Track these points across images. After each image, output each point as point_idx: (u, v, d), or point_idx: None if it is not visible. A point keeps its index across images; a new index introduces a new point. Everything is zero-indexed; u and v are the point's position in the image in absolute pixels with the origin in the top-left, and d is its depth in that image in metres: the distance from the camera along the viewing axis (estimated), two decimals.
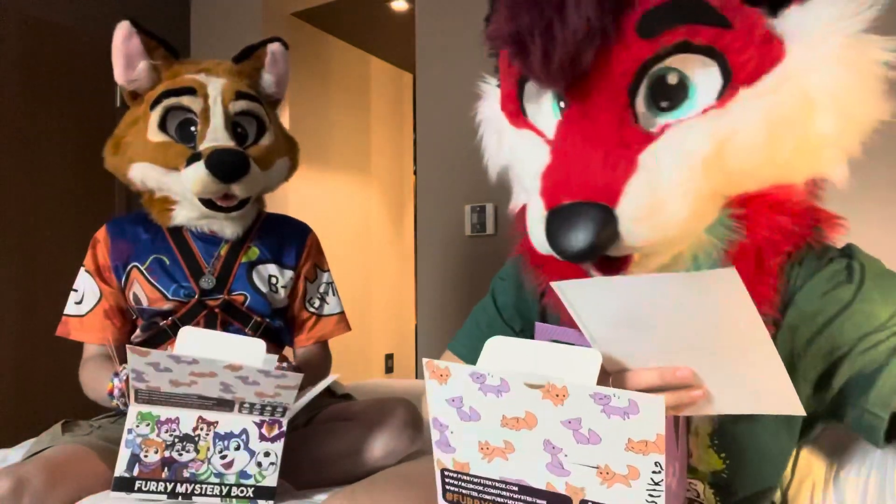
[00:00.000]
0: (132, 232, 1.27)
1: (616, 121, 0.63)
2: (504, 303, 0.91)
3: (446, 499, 0.65)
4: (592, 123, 0.64)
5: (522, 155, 0.75)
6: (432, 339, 2.40)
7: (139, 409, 0.96)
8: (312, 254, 1.38)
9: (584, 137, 0.63)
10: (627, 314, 0.57)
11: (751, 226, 0.65)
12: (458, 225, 2.31)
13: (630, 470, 0.54)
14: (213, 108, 1.20)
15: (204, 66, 1.28)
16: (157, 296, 1.22)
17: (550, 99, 0.72)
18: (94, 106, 2.46)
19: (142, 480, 0.95)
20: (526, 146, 0.74)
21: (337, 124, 3.37)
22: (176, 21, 2.86)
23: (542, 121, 0.74)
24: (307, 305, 1.36)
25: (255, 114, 1.26)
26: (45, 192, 2.33)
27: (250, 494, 0.97)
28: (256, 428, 0.98)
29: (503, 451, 0.60)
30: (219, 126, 1.20)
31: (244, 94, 1.25)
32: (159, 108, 1.20)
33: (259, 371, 0.89)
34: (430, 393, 0.61)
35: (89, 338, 1.24)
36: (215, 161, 1.14)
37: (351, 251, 3.45)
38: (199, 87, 1.22)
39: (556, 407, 0.55)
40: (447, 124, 2.35)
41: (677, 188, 0.61)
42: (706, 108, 0.63)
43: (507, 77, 0.76)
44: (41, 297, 2.27)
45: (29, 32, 2.31)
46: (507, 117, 0.77)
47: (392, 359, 3.75)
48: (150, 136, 1.20)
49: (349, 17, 3.14)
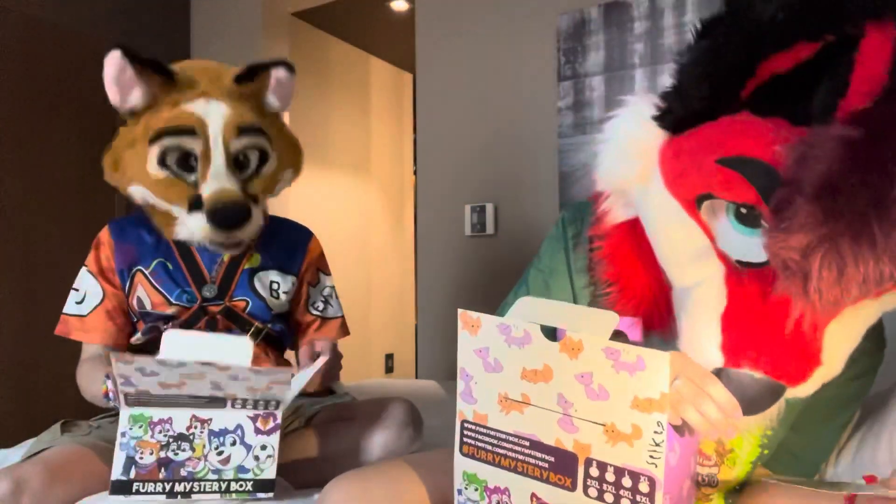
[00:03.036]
0: (135, 234, 1.26)
1: (815, 314, 0.59)
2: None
3: (463, 451, 0.70)
4: (794, 300, 0.59)
5: (677, 246, 0.68)
6: (432, 339, 2.40)
7: (131, 412, 0.95)
8: (315, 259, 1.38)
9: (783, 315, 0.59)
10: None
11: None
12: (458, 225, 2.31)
13: (634, 429, 0.58)
14: (214, 150, 1.16)
15: (203, 88, 1.19)
16: (160, 300, 1.22)
17: (731, 205, 0.63)
18: (95, 106, 2.46)
19: (139, 482, 0.94)
20: (685, 239, 0.66)
21: (337, 124, 3.37)
22: (176, 21, 2.86)
23: (713, 220, 0.64)
24: (310, 309, 1.36)
25: (258, 147, 1.22)
26: (46, 192, 2.33)
27: (250, 488, 0.97)
28: (251, 422, 0.98)
29: (520, 404, 0.65)
30: (220, 166, 1.17)
31: (246, 129, 1.20)
32: (158, 145, 1.16)
33: (249, 369, 0.89)
34: (460, 343, 0.67)
35: (90, 338, 1.23)
36: (218, 216, 1.13)
37: (351, 251, 3.45)
38: (199, 126, 1.16)
39: (572, 360, 0.60)
40: (447, 124, 2.35)
41: (840, 367, 0.62)
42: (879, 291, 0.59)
43: (702, 166, 0.63)
44: (41, 297, 2.27)
45: (30, 33, 2.31)
46: (672, 193, 0.67)
47: (392, 359, 3.75)
48: (149, 170, 1.17)
49: (349, 17, 3.14)
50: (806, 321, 0.59)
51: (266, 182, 1.25)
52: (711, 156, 0.61)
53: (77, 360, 1.26)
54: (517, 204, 2.20)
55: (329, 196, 3.31)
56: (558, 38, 2.11)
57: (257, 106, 1.25)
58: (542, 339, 0.62)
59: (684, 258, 0.66)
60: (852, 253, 0.51)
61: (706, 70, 0.63)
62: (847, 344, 0.62)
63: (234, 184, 1.17)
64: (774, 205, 0.55)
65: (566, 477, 0.63)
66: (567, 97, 2.09)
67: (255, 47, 2.75)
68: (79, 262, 1.27)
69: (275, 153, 1.25)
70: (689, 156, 0.64)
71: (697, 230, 0.65)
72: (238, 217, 1.15)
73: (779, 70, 0.62)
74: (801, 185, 0.53)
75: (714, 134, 0.63)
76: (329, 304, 1.38)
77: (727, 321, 0.61)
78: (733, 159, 0.60)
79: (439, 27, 2.37)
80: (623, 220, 0.75)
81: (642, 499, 0.58)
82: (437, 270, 2.37)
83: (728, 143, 0.61)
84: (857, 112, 0.54)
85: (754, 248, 0.60)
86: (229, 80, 1.21)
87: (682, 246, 0.66)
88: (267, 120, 1.26)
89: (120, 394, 0.93)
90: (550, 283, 0.85)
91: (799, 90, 0.61)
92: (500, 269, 2.21)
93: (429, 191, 2.40)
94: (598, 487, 0.61)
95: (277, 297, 1.29)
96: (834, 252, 0.51)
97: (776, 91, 0.62)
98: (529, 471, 0.65)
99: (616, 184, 0.72)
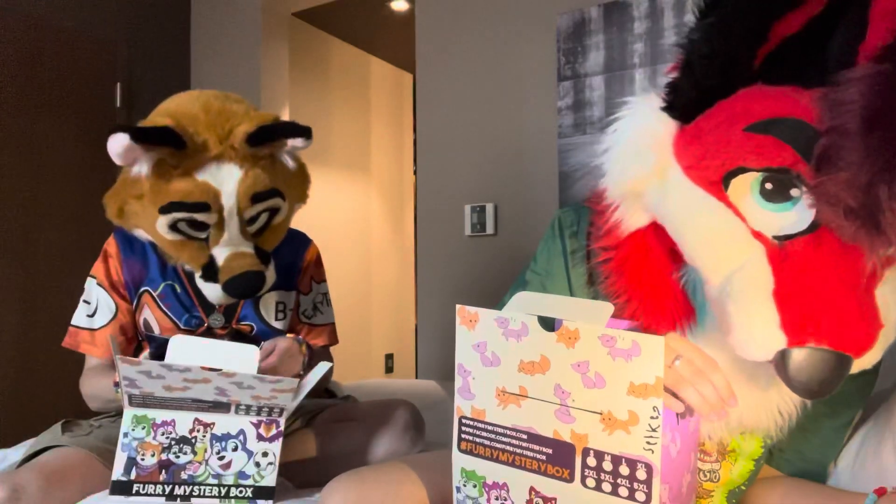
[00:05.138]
0: (142, 250, 1.25)
1: (871, 266, 0.57)
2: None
3: (461, 448, 0.70)
4: (847, 262, 0.57)
5: (710, 234, 0.65)
6: (432, 339, 2.40)
7: (134, 413, 0.95)
8: (311, 267, 1.38)
9: (839, 278, 0.57)
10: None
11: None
12: (458, 225, 2.31)
13: (630, 416, 0.59)
14: (229, 222, 1.12)
15: (214, 152, 1.10)
16: (169, 325, 1.21)
17: (755, 183, 0.61)
18: (95, 107, 2.46)
19: (139, 484, 0.95)
20: (718, 226, 0.64)
21: (337, 124, 3.37)
22: (176, 21, 2.85)
23: (741, 201, 0.62)
24: (300, 316, 1.36)
25: (271, 208, 1.18)
26: (46, 193, 2.33)
27: (249, 495, 0.97)
28: (254, 428, 0.98)
29: (517, 397, 0.65)
30: (234, 234, 1.13)
31: (261, 196, 1.14)
32: (169, 216, 1.10)
33: (254, 377, 0.89)
34: (458, 339, 0.68)
35: (99, 353, 1.22)
36: (233, 289, 1.11)
37: (351, 251, 3.45)
38: (212, 200, 1.09)
39: (568, 350, 0.61)
40: (447, 124, 2.35)
41: (894, 332, 0.60)
42: None
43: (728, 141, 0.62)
44: (42, 298, 2.27)
45: (30, 33, 2.31)
46: (695, 181, 0.65)
47: (392, 359, 3.75)
48: (159, 230, 1.12)
49: (349, 17, 3.14)
50: (862, 282, 0.56)
51: (276, 234, 1.23)
52: (737, 126, 0.60)
53: (76, 360, 1.25)
54: (517, 204, 2.20)
55: (329, 196, 3.31)
56: (558, 38, 2.11)
57: (271, 163, 1.17)
58: (540, 329, 0.63)
59: (719, 245, 0.64)
60: None
61: (716, 45, 0.62)
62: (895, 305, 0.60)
63: (248, 246, 1.14)
64: (818, 155, 0.54)
65: (564, 468, 0.63)
66: (567, 97, 2.09)
67: (255, 47, 2.75)
68: (79, 263, 1.27)
69: (286, 202, 1.21)
70: (711, 135, 0.63)
71: (728, 213, 0.62)
72: (254, 288, 1.13)
73: (789, 31, 0.61)
74: (843, 128, 0.52)
75: (735, 106, 0.61)
76: (318, 311, 1.38)
77: (781, 298, 0.58)
78: (762, 123, 0.58)
79: (439, 27, 2.37)
80: (636, 228, 0.73)
81: (640, 486, 0.59)
82: (437, 270, 2.37)
83: (753, 110, 0.59)
84: (883, 48, 0.53)
85: (789, 221, 0.59)
86: (241, 140, 1.11)
87: (714, 233, 0.64)
88: (280, 174, 1.19)
89: (124, 394, 0.93)
90: (548, 286, 0.84)
91: (811, 50, 0.60)
92: (500, 269, 2.21)
93: (429, 191, 2.40)
94: (596, 477, 0.61)
95: (284, 316, 1.29)
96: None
97: (787, 57, 0.61)
98: (527, 464, 0.66)
99: (629, 186, 0.70)
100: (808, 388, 0.58)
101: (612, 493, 0.60)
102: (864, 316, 0.57)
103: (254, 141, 1.12)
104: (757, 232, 0.61)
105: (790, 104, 0.57)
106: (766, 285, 0.59)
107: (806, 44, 0.60)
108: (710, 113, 0.63)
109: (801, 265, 0.58)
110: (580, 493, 0.62)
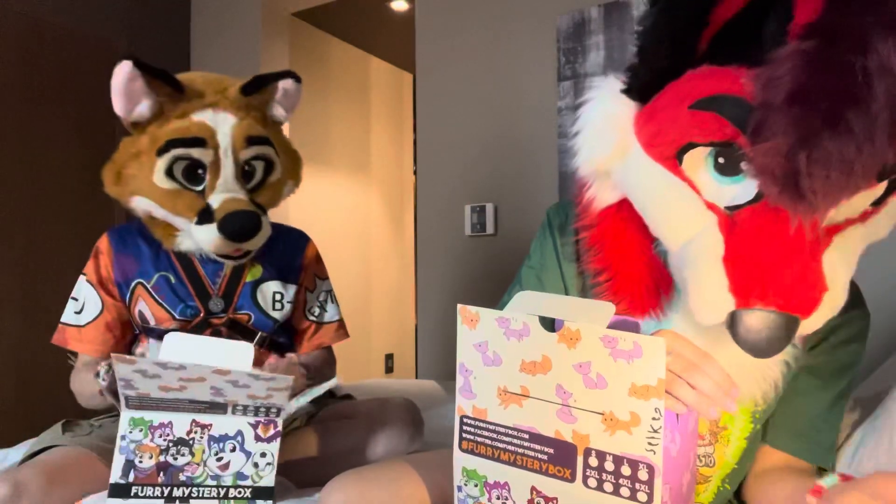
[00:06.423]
0: (134, 244, 1.26)
1: (813, 231, 0.61)
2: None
3: (462, 447, 0.70)
4: (788, 228, 0.61)
5: (668, 207, 0.70)
6: (432, 339, 2.40)
7: (131, 415, 0.95)
8: (312, 264, 1.38)
9: (782, 243, 0.61)
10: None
11: None
12: (458, 225, 2.31)
13: (632, 416, 0.59)
14: (224, 160, 1.16)
15: (210, 99, 1.19)
16: (164, 315, 1.21)
17: (708, 157, 0.65)
18: (95, 106, 2.46)
19: (138, 486, 0.94)
20: (675, 199, 0.68)
21: (337, 124, 3.38)
22: (176, 20, 2.86)
23: (696, 175, 0.67)
24: (307, 314, 1.36)
25: (264, 157, 1.22)
26: (46, 192, 2.34)
27: (248, 495, 0.97)
28: (252, 429, 0.98)
29: (519, 397, 0.65)
30: (229, 177, 1.16)
31: (255, 140, 1.20)
32: (167, 156, 1.14)
33: (249, 374, 0.89)
34: (459, 338, 0.68)
35: (87, 349, 1.22)
36: (229, 227, 1.12)
37: (351, 251, 3.46)
38: (209, 136, 1.15)
39: (570, 350, 0.61)
40: (447, 124, 2.35)
41: (843, 297, 0.64)
42: (864, 212, 0.64)
43: (677, 118, 0.66)
44: (42, 298, 2.27)
45: (29, 33, 2.31)
46: (653, 157, 0.69)
47: (392, 359, 3.75)
48: (156, 181, 1.16)
49: (349, 17, 3.14)
50: (805, 247, 0.60)
51: (272, 192, 1.25)
52: (683, 104, 0.65)
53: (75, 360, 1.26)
54: (517, 204, 2.20)
55: (329, 196, 3.31)
56: (558, 38, 2.11)
57: (262, 117, 1.25)
58: (541, 330, 0.63)
59: (676, 217, 0.68)
60: (835, 144, 0.54)
61: (664, 31, 0.67)
62: (844, 270, 0.64)
63: (243, 194, 1.17)
64: (752, 128, 0.58)
65: (565, 468, 0.63)
66: (567, 97, 2.09)
67: (255, 47, 2.76)
68: (79, 263, 1.27)
69: (280, 163, 1.26)
70: (662, 113, 0.67)
71: (683, 186, 0.67)
72: (250, 227, 1.14)
73: (729, 15, 0.65)
74: (770, 103, 0.56)
75: (682, 85, 0.66)
76: (325, 308, 1.38)
77: (729, 262, 0.63)
78: (704, 100, 0.63)
79: (439, 27, 2.37)
80: (608, 204, 0.78)
81: (641, 486, 0.59)
82: (437, 270, 2.37)
83: (697, 89, 0.64)
84: (807, 26, 0.57)
85: (741, 192, 0.63)
86: (235, 91, 1.21)
87: (671, 206, 0.69)
88: (271, 131, 1.26)
89: (120, 395, 0.93)
90: (542, 278, 0.87)
91: (750, 31, 0.63)
92: (500, 269, 2.21)
93: (429, 191, 2.40)
94: (598, 477, 0.61)
95: (282, 307, 1.29)
96: (817, 147, 0.54)
97: (731, 38, 0.65)
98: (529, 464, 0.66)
99: (597, 165, 0.74)
100: (758, 347, 0.62)
101: (613, 493, 0.60)
102: (808, 279, 0.60)
103: (248, 89, 1.22)
104: (710, 203, 0.65)
105: (730, 82, 0.62)
106: (717, 252, 0.63)
107: (744, 25, 0.64)
108: (662, 93, 0.68)
109: (748, 232, 0.63)
110: (582, 492, 0.62)
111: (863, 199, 0.61)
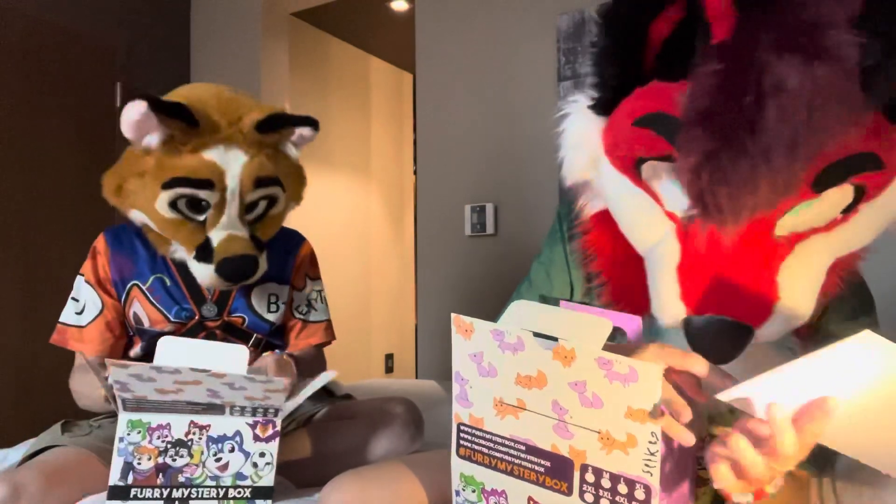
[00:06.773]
0: (130, 245, 1.25)
1: (764, 241, 0.63)
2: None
3: (459, 454, 0.70)
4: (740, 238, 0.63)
5: (632, 215, 0.73)
6: (432, 339, 2.40)
7: (129, 417, 0.95)
8: (304, 265, 1.38)
9: (730, 253, 0.63)
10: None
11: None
12: (458, 225, 2.31)
13: (629, 438, 0.58)
14: (230, 202, 1.14)
15: (223, 134, 1.14)
16: (159, 317, 1.21)
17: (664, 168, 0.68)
18: (95, 106, 2.46)
19: (137, 488, 0.94)
20: (637, 207, 0.71)
21: (337, 124, 3.37)
22: (176, 20, 2.86)
23: (655, 184, 0.70)
24: (294, 312, 1.36)
25: (270, 196, 1.20)
26: (46, 192, 2.33)
27: (248, 495, 0.97)
28: (250, 429, 0.98)
29: (515, 409, 0.64)
30: (233, 216, 1.15)
31: (263, 182, 1.17)
32: (171, 192, 1.11)
33: (244, 377, 0.89)
34: (455, 347, 0.68)
35: (87, 349, 1.22)
36: (226, 271, 1.12)
37: (351, 251, 3.45)
38: (217, 178, 1.12)
39: (565, 368, 0.60)
40: (447, 124, 2.35)
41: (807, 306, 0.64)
42: (832, 221, 0.64)
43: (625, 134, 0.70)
44: (42, 297, 2.27)
45: (29, 33, 2.31)
46: (617, 168, 0.72)
47: (392, 359, 3.75)
48: (157, 208, 1.13)
49: (349, 17, 3.14)
50: (755, 257, 0.62)
51: (273, 224, 1.25)
52: (628, 121, 0.68)
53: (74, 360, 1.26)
54: (517, 204, 2.20)
55: (329, 196, 3.31)
56: (558, 38, 2.11)
57: (275, 153, 1.22)
58: (536, 345, 0.61)
59: (639, 225, 0.71)
60: (731, 163, 0.56)
61: (612, 50, 0.70)
62: (806, 279, 0.64)
63: (243, 231, 1.16)
64: (678, 146, 0.61)
65: (562, 482, 0.62)
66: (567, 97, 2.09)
67: (254, 47, 2.76)
68: (78, 263, 1.27)
69: (284, 197, 1.24)
70: (615, 129, 0.71)
71: (644, 196, 0.70)
72: (246, 272, 1.14)
73: (665, 34, 0.68)
74: (687, 121, 0.60)
75: (631, 102, 0.69)
76: (313, 308, 1.37)
77: (682, 271, 0.65)
78: (643, 118, 0.66)
79: (439, 27, 2.37)
80: (596, 210, 0.81)
81: None
82: (437, 270, 2.37)
83: (639, 106, 0.67)
84: (720, 46, 0.60)
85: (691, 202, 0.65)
86: (250, 126, 1.16)
87: (636, 214, 0.72)
88: (281, 165, 1.23)
89: (117, 398, 0.92)
90: (551, 274, 0.89)
91: (684, 49, 0.65)
92: (500, 269, 2.21)
93: (429, 191, 2.40)
94: (594, 493, 0.61)
95: (277, 308, 1.29)
96: (715, 164, 0.57)
97: (670, 56, 0.68)
98: (525, 475, 0.65)
99: (578, 176, 0.78)
100: (708, 353, 0.63)
101: None
102: (757, 288, 0.62)
103: (263, 127, 1.17)
104: (670, 212, 0.68)
105: (665, 100, 0.64)
106: (673, 260, 0.66)
107: (678, 44, 0.66)
108: (618, 109, 0.71)
109: (699, 241, 0.65)
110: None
111: (828, 208, 0.62)
